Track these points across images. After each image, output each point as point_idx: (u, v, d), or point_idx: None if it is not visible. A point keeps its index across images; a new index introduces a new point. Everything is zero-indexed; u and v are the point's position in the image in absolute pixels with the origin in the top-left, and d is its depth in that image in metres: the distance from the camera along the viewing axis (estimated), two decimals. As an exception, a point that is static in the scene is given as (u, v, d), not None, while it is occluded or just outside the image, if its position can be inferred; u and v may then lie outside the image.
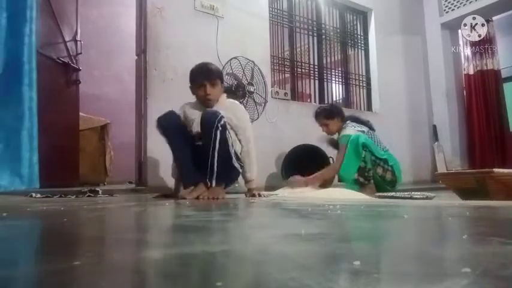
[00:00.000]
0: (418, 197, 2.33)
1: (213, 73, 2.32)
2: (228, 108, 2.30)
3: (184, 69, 3.37)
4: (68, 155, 3.33)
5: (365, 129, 3.08)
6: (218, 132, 2.09)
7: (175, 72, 3.31)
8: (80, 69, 3.60)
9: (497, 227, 1.02)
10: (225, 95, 2.42)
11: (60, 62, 3.33)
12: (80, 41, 3.66)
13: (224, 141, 2.13)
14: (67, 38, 3.46)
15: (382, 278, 0.47)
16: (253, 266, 0.55)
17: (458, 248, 0.69)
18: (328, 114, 3.19)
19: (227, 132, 2.17)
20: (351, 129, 3.02)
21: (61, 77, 3.31)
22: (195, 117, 2.26)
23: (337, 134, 3.20)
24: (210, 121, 2.10)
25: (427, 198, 2.29)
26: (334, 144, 3.30)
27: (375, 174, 2.89)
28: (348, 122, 3.13)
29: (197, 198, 2.06)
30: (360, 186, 2.88)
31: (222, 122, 2.11)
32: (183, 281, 0.47)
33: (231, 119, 2.26)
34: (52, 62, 3.21)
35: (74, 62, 3.53)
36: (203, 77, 2.29)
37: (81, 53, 3.66)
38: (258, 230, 0.99)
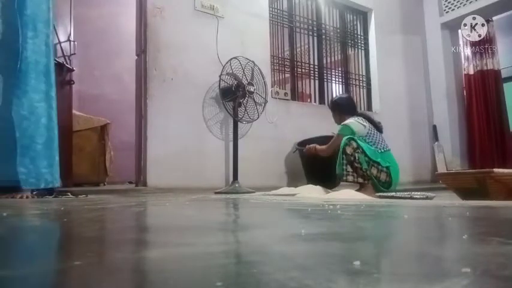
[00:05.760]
0: (418, 197, 2.33)
1: None
2: None
3: (184, 69, 3.39)
4: (62, 155, 3.34)
5: (367, 124, 3.04)
6: None
7: (175, 72, 3.31)
8: (73, 70, 3.61)
9: (497, 227, 1.02)
10: None
11: (55, 62, 3.33)
12: (74, 41, 3.67)
13: None
14: (61, 39, 3.47)
15: (382, 278, 0.47)
16: (253, 266, 0.55)
17: (458, 248, 0.69)
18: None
19: None
20: (351, 120, 3.03)
21: (56, 77, 3.32)
22: None
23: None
24: None
25: (427, 198, 2.29)
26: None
27: (371, 175, 2.88)
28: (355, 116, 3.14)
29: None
30: (360, 186, 2.88)
31: None
32: (183, 280, 0.47)
33: None
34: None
35: (68, 62, 3.53)
36: None
37: (75, 54, 3.67)
38: (258, 230, 0.99)
